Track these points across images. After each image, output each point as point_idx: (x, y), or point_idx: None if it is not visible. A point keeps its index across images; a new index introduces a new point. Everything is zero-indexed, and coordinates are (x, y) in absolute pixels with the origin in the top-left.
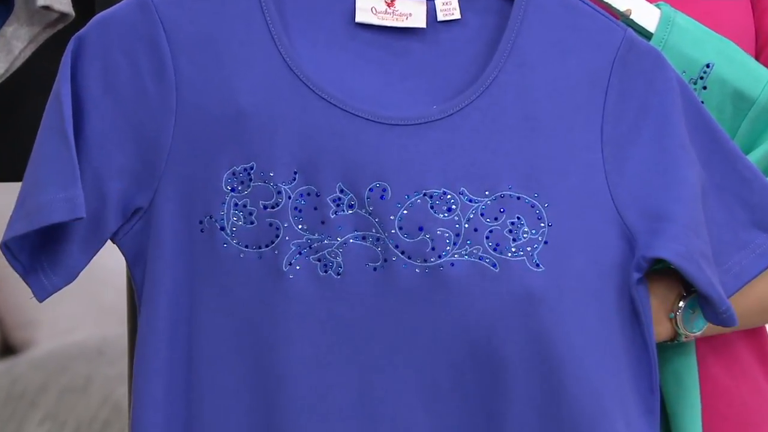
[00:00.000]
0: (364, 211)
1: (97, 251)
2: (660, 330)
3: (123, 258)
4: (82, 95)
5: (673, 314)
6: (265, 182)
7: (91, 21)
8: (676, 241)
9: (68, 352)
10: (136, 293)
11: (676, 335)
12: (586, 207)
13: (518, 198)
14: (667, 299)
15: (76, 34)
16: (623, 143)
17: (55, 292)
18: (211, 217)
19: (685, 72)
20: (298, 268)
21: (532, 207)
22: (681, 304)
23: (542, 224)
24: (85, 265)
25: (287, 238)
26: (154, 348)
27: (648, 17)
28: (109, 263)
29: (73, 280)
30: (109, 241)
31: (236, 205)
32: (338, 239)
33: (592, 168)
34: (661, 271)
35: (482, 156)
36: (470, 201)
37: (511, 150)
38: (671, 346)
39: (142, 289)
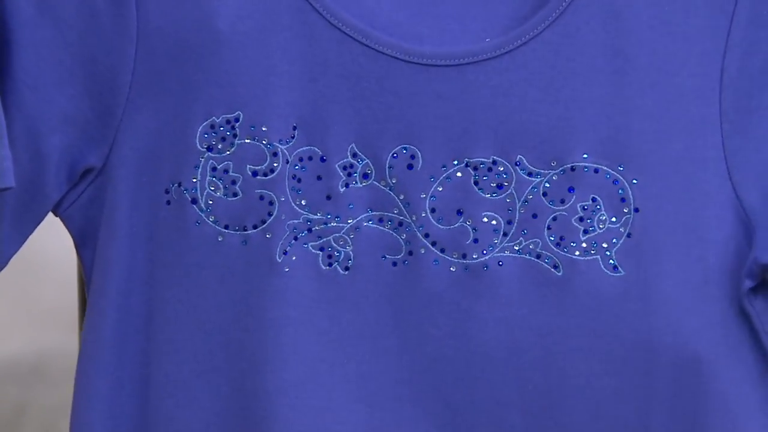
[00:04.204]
0: (383, 183)
1: (33, 229)
2: None
3: (68, 239)
4: (8, 19)
5: None
6: (254, 139)
7: None
8: None
9: None
10: (85, 284)
11: None
12: (689, 184)
13: (596, 171)
14: None
15: None
16: (752, 92)
17: None
18: (179, 185)
19: None
20: (294, 258)
21: (615, 184)
22: None
23: (626, 209)
24: (18, 249)
25: (283, 217)
26: (98, 361)
27: None
28: (50, 247)
29: (2, 268)
30: (49, 217)
31: (214, 169)
32: (348, 222)
33: (705, 127)
34: None
35: (550, 111)
36: (530, 175)
37: (591, 102)
38: None
39: (91, 279)
